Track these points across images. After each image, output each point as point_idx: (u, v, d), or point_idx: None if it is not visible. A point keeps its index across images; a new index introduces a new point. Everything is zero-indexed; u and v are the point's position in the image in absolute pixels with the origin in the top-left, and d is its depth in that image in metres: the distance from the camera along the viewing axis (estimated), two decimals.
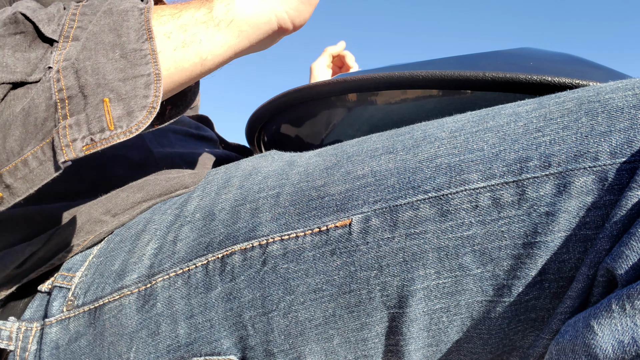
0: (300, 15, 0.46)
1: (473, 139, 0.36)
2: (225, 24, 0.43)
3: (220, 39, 0.42)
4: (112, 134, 0.36)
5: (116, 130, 0.36)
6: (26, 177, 0.37)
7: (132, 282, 0.43)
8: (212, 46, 0.42)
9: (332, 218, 0.38)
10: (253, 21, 0.44)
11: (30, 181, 0.37)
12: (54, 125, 0.36)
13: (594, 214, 0.32)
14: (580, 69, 0.48)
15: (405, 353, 0.38)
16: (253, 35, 0.44)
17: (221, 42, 0.43)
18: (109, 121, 0.36)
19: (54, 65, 0.37)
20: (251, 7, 0.44)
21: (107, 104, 0.36)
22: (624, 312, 0.28)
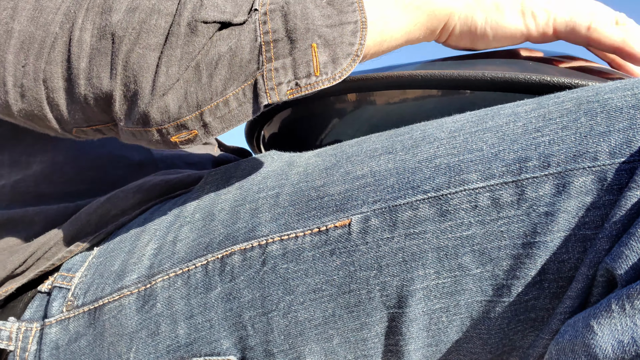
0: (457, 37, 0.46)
1: (472, 139, 0.36)
2: (411, 8, 0.42)
3: (401, 22, 0.42)
4: (318, 80, 0.36)
5: (321, 77, 0.36)
6: (224, 117, 0.37)
7: (132, 283, 0.43)
8: (394, 28, 0.42)
9: (331, 218, 0.38)
10: (434, 12, 0.43)
11: (227, 121, 0.37)
12: (257, 67, 0.36)
13: (594, 214, 0.32)
14: None
15: (405, 353, 0.38)
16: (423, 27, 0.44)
17: (400, 25, 0.42)
18: (315, 66, 0.36)
19: (260, 8, 0.37)
20: None
21: (314, 49, 0.36)
22: (623, 312, 0.28)
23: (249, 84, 0.36)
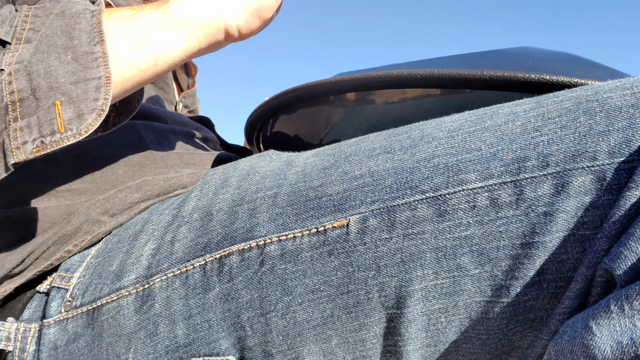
0: (247, 25, 0.47)
1: (471, 139, 0.36)
2: (178, 25, 0.44)
3: (172, 40, 0.44)
4: (63, 137, 0.37)
5: (66, 133, 0.38)
6: None
7: (130, 283, 0.43)
8: (165, 47, 0.44)
9: (329, 218, 0.38)
10: (203, 24, 0.45)
11: None
12: (4, 127, 0.37)
13: (593, 214, 0.32)
14: (579, 68, 0.48)
15: (404, 354, 0.38)
16: (202, 38, 0.46)
17: (173, 43, 0.44)
18: (59, 124, 0.37)
19: (6, 68, 0.37)
20: (202, 11, 0.45)
21: (58, 107, 0.37)
22: (622, 313, 0.28)
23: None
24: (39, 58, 0.38)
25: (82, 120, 0.38)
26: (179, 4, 0.45)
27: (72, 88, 0.38)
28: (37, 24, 0.40)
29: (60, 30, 0.39)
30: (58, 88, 0.37)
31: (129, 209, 0.49)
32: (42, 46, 0.38)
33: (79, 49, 0.39)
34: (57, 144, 0.37)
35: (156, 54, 0.43)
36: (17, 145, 0.37)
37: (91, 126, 0.38)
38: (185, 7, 0.45)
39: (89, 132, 0.38)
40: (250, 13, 0.47)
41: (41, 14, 0.40)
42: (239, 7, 0.46)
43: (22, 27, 0.39)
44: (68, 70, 0.38)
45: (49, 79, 0.37)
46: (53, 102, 0.37)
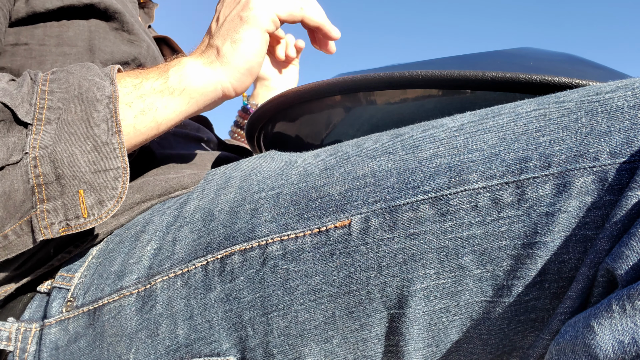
0: (242, 84, 0.51)
1: (473, 139, 0.36)
2: (178, 92, 0.48)
3: (173, 106, 0.48)
4: (86, 221, 0.41)
5: (89, 218, 0.41)
6: (5, 247, 0.41)
7: (132, 283, 0.43)
8: (166, 112, 0.48)
9: (331, 218, 0.38)
10: (201, 90, 0.49)
11: (9, 249, 0.41)
12: (31, 206, 0.40)
13: (594, 214, 0.32)
14: (580, 68, 0.48)
15: (405, 353, 0.38)
16: (201, 102, 0.50)
17: (174, 109, 0.48)
18: (83, 210, 0.41)
19: (30, 152, 0.40)
20: (200, 78, 0.49)
21: (81, 195, 0.41)
22: (624, 313, 0.28)
23: (26, 221, 0.41)
24: (62, 147, 0.41)
25: (103, 206, 0.42)
26: (179, 72, 0.48)
27: (93, 177, 0.41)
28: (55, 102, 0.42)
29: (79, 117, 0.42)
30: (81, 177, 0.41)
31: (130, 209, 0.49)
32: (64, 134, 0.41)
33: (99, 138, 0.42)
34: (81, 227, 0.41)
35: (158, 119, 0.47)
36: (45, 225, 0.40)
37: (110, 211, 0.42)
38: (184, 75, 0.48)
39: (109, 216, 0.42)
40: (243, 74, 0.51)
41: (57, 88, 0.43)
42: (232, 71, 0.50)
43: (40, 106, 0.42)
44: (89, 159, 0.41)
45: (72, 168, 0.41)
46: (77, 190, 0.41)
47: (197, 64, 0.50)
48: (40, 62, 0.54)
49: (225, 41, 0.50)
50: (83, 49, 0.55)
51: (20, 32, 0.54)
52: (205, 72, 0.49)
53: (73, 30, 0.56)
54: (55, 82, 0.43)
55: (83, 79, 0.44)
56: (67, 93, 0.43)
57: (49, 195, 0.40)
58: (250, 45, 0.50)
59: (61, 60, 0.54)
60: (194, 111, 0.50)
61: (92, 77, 0.44)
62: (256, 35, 0.50)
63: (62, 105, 0.42)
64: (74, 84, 0.43)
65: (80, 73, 0.44)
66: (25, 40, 0.54)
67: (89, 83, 0.43)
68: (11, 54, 0.54)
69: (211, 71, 0.50)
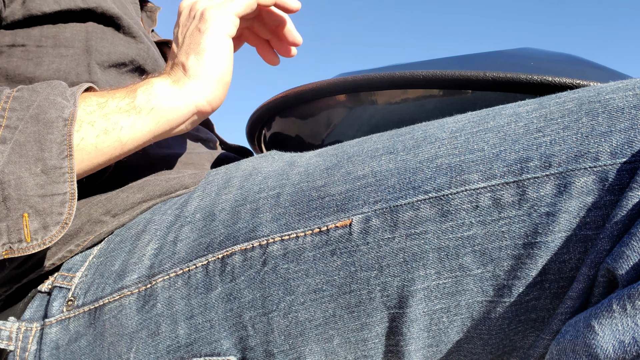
0: (216, 97, 0.49)
1: (473, 139, 0.36)
2: (145, 112, 0.46)
3: (140, 126, 0.46)
4: (28, 245, 0.41)
5: (32, 242, 0.41)
6: None
7: (132, 283, 0.43)
8: (132, 132, 0.46)
9: (332, 218, 0.38)
10: (171, 109, 0.47)
11: None
12: None
13: (595, 214, 0.32)
14: (580, 69, 0.48)
15: (406, 353, 0.38)
16: (173, 121, 0.48)
17: (140, 128, 0.46)
18: (26, 234, 0.41)
19: None
20: (170, 96, 0.48)
21: (26, 218, 0.40)
22: (624, 312, 0.28)
23: None
24: (10, 169, 0.40)
25: (47, 232, 0.41)
26: (146, 91, 0.47)
27: (39, 201, 0.41)
28: (13, 120, 0.42)
29: (32, 138, 0.42)
30: (27, 201, 0.40)
31: (131, 209, 0.49)
32: (14, 155, 0.41)
33: (49, 162, 0.41)
34: (24, 251, 0.41)
35: (123, 138, 0.46)
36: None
37: (55, 237, 0.41)
38: (152, 94, 0.47)
39: (52, 242, 0.41)
40: (214, 85, 0.49)
41: (17, 107, 0.43)
42: (202, 84, 0.48)
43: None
44: (37, 182, 0.41)
45: (18, 190, 0.40)
46: (21, 213, 0.40)
47: (165, 83, 0.48)
48: (36, 64, 0.54)
49: (189, 55, 0.48)
50: (80, 50, 0.55)
51: (16, 34, 0.54)
52: (174, 91, 0.48)
53: (70, 31, 0.55)
54: (18, 100, 0.43)
55: (45, 98, 0.43)
56: (27, 112, 0.42)
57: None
58: (215, 52, 0.48)
59: (58, 61, 0.54)
60: (165, 130, 0.48)
61: (54, 96, 0.43)
62: (219, 41, 0.49)
63: (19, 124, 0.42)
64: (35, 103, 0.43)
65: (45, 91, 0.44)
66: (22, 41, 0.54)
67: (49, 103, 0.43)
68: (7, 55, 0.53)
69: (179, 90, 0.48)
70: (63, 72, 0.54)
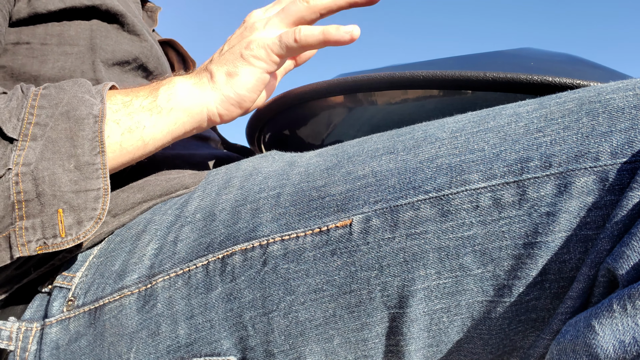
0: (229, 112, 0.51)
1: (474, 139, 0.36)
2: (166, 111, 0.48)
3: (160, 125, 0.48)
4: (63, 241, 0.41)
5: (66, 238, 0.41)
6: None
7: (133, 283, 0.43)
8: (154, 131, 0.47)
9: (332, 218, 0.38)
10: (188, 110, 0.49)
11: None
12: (10, 222, 0.40)
13: (595, 214, 0.32)
14: (581, 69, 0.48)
15: (406, 353, 0.38)
16: (187, 123, 0.49)
17: (161, 128, 0.48)
18: (61, 229, 0.41)
19: (14, 167, 0.40)
20: (188, 97, 0.49)
21: (60, 214, 0.41)
22: (625, 312, 0.28)
23: (4, 236, 0.41)
24: (44, 166, 0.41)
25: (81, 227, 0.41)
26: (168, 91, 0.48)
27: (73, 197, 0.41)
28: (43, 117, 0.42)
29: (64, 135, 0.42)
30: (61, 197, 0.41)
31: (131, 209, 0.49)
32: (47, 152, 0.41)
33: (82, 158, 0.42)
34: (58, 246, 0.41)
35: (145, 137, 0.47)
36: (23, 242, 0.41)
37: (89, 232, 0.42)
38: (173, 94, 0.48)
39: (87, 237, 0.42)
40: (231, 103, 0.50)
41: (46, 104, 0.43)
42: (220, 96, 0.50)
43: (28, 121, 0.42)
44: (71, 178, 0.41)
45: (53, 187, 0.40)
46: (56, 209, 0.41)
47: (187, 84, 0.49)
48: (42, 62, 0.54)
49: (220, 69, 0.50)
50: (84, 48, 0.55)
51: (21, 31, 0.54)
52: (193, 91, 0.49)
53: (74, 29, 0.56)
54: (46, 97, 0.43)
55: (73, 95, 0.44)
56: (56, 109, 0.43)
57: (29, 213, 0.40)
58: (245, 82, 0.49)
59: (63, 59, 0.54)
60: (181, 133, 0.50)
61: (82, 94, 0.44)
62: (254, 74, 0.50)
63: (50, 121, 0.42)
64: (63, 101, 0.43)
65: (72, 89, 0.44)
66: (27, 39, 0.54)
67: (77, 100, 0.43)
68: (12, 53, 0.54)
69: (199, 91, 0.49)
70: (68, 70, 0.54)
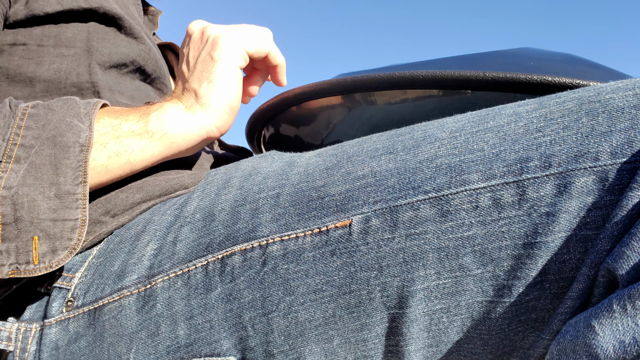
0: (225, 123, 0.52)
1: (473, 139, 0.36)
2: (158, 136, 0.48)
3: (151, 149, 0.48)
4: (35, 268, 0.41)
5: (39, 265, 0.41)
6: None
7: (132, 283, 0.43)
8: (143, 155, 0.48)
9: (332, 218, 0.38)
10: (184, 135, 0.50)
11: None
12: None
13: (595, 214, 0.32)
14: (580, 68, 0.48)
15: (406, 354, 0.38)
16: (183, 145, 0.50)
17: (151, 152, 0.48)
18: (34, 256, 0.41)
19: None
20: (183, 123, 0.49)
21: (35, 241, 0.41)
22: (625, 312, 0.28)
23: None
24: (25, 191, 0.41)
25: (55, 255, 0.42)
26: (160, 117, 0.49)
27: (50, 225, 0.41)
28: (29, 139, 0.42)
29: (48, 161, 0.42)
30: (38, 224, 0.41)
31: (130, 210, 0.49)
32: (29, 178, 0.41)
33: (63, 187, 0.42)
34: (30, 272, 0.41)
35: (133, 160, 0.47)
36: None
37: (62, 261, 0.42)
38: (165, 120, 0.49)
39: (59, 265, 0.42)
40: (225, 112, 0.51)
41: (33, 125, 0.43)
42: (213, 112, 0.50)
43: (13, 142, 0.42)
44: (50, 206, 0.41)
45: (31, 213, 0.41)
46: (32, 236, 0.41)
47: (178, 110, 0.50)
48: (37, 63, 0.54)
49: (201, 83, 0.50)
50: (81, 50, 0.55)
51: (18, 33, 0.54)
52: (187, 117, 0.50)
53: (71, 31, 0.56)
54: (34, 117, 0.43)
55: (61, 119, 0.44)
56: (43, 131, 0.43)
57: (5, 236, 0.41)
58: (226, 83, 0.50)
59: (59, 61, 0.54)
60: (175, 153, 0.50)
61: (70, 118, 0.44)
62: (230, 72, 0.50)
63: (35, 143, 0.42)
64: (52, 123, 0.43)
65: (61, 111, 0.44)
66: (24, 40, 0.54)
67: (65, 125, 0.43)
68: (9, 54, 0.54)
69: (192, 116, 0.50)
70: (64, 72, 0.54)
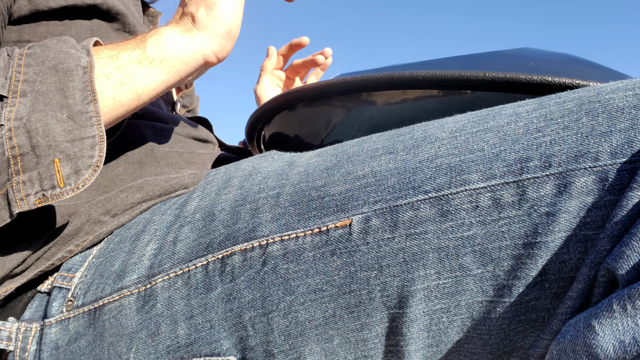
0: (222, 49, 0.51)
1: (473, 139, 0.36)
2: (157, 62, 0.47)
3: (153, 76, 0.47)
4: (62, 191, 0.41)
5: (65, 187, 0.41)
6: None
7: (132, 283, 0.43)
8: (146, 82, 0.47)
9: (332, 218, 0.38)
10: (182, 59, 0.49)
11: None
12: (7, 179, 0.40)
13: (595, 214, 0.32)
14: (580, 69, 0.48)
15: (406, 353, 0.38)
16: (182, 71, 0.49)
17: (154, 78, 0.48)
18: (59, 179, 0.40)
19: (5, 123, 0.40)
20: (180, 46, 0.48)
21: (57, 164, 0.40)
22: (625, 312, 0.28)
23: (2, 194, 0.40)
24: (36, 117, 0.40)
25: (80, 176, 0.41)
26: (156, 42, 0.48)
27: (69, 146, 0.41)
28: (30, 75, 0.42)
29: (54, 87, 0.41)
30: (56, 146, 0.40)
31: (130, 209, 0.49)
32: (38, 104, 0.41)
33: (74, 107, 0.41)
34: (58, 197, 0.41)
35: (138, 89, 0.46)
36: (21, 197, 0.40)
37: (87, 180, 0.41)
38: (162, 44, 0.48)
39: (86, 185, 0.41)
40: (222, 37, 0.50)
41: (32, 62, 0.43)
42: (211, 36, 0.49)
43: (16, 79, 0.42)
44: (65, 128, 0.41)
45: (47, 137, 0.40)
46: (52, 159, 0.40)
47: (174, 33, 0.49)
48: None
49: (199, 7, 0.49)
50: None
51: (23, 30, 0.54)
52: (184, 40, 0.49)
53: (75, 29, 0.56)
54: (31, 56, 0.43)
55: (58, 51, 0.43)
56: (43, 65, 0.42)
57: (25, 167, 0.40)
58: (226, 8, 0.49)
59: None
60: (177, 80, 0.50)
61: (67, 49, 0.44)
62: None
63: (37, 77, 0.42)
64: (49, 57, 0.43)
65: (56, 46, 0.44)
66: (28, 37, 0.54)
67: (64, 55, 0.43)
68: None
69: (188, 39, 0.49)
70: None
